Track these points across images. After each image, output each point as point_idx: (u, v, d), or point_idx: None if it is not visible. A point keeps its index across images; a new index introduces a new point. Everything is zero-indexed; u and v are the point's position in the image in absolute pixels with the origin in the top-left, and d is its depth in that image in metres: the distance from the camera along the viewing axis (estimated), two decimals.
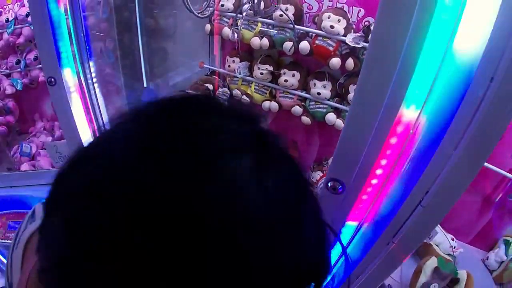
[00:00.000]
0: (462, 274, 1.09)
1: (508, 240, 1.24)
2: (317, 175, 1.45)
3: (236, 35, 1.28)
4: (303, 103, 1.33)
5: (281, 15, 1.18)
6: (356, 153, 0.56)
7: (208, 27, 1.37)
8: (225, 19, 1.34)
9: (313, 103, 1.30)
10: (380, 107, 0.48)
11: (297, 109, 1.32)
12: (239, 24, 1.28)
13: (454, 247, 1.27)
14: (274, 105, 1.37)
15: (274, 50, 1.32)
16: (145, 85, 1.59)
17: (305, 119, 1.32)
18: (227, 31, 1.31)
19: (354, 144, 0.55)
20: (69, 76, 1.04)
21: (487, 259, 1.29)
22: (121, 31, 1.46)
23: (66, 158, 0.92)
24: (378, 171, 0.57)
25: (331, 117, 1.25)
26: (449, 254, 1.22)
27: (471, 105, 0.44)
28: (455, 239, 1.29)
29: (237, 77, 1.44)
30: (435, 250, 1.23)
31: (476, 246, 1.36)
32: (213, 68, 1.51)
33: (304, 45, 1.15)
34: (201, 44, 1.52)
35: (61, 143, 1.17)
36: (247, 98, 1.42)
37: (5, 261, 1.63)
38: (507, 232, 1.30)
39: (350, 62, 1.13)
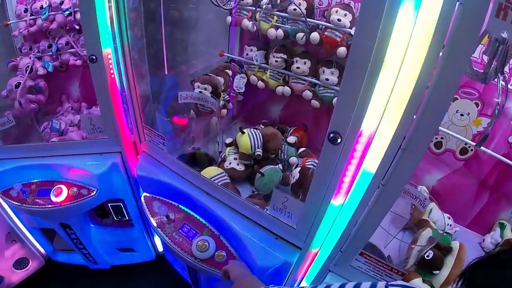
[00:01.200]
0: (455, 244, 1.28)
1: (503, 223, 1.42)
2: None
3: (255, 26, 1.53)
4: (313, 88, 1.57)
5: (294, 9, 1.42)
6: (349, 109, 0.78)
7: (229, 19, 1.62)
8: (244, 12, 1.59)
9: (322, 88, 1.54)
10: (363, 77, 0.71)
11: (308, 94, 1.56)
12: (257, 16, 1.53)
13: (450, 225, 1.47)
14: (287, 90, 1.61)
15: (287, 40, 1.56)
16: (166, 72, 1.84)
17: (315, 103, 1.56)
18: (246, 22, 1.56)
19: (348, 102, 0.78)
20: (109, 55, 1.30)
21: (483, 242, 1.47)
22: (147, 21, 1.72)
23: (99, 129, 1.23)
24: (367, 125, 0.80)
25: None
26: (447, 233, 1.42)
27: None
28: (451, 218, 1.49)
29: (254, 64, 1.68)
30: (431, 225, 1.43)
31: (472, 230, 1.56)
32: (232, 56, 1.76)
33: (315, 35, 1.40)
34: (221, 35, 1.77)
35: (95, 115, 1.41)
36: (263, 83, 1.66)
37: (23, 227, 1.83)
38: (502, 215, 1.49)
39: None
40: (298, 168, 1.40)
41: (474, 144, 1.30)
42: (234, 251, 1.21)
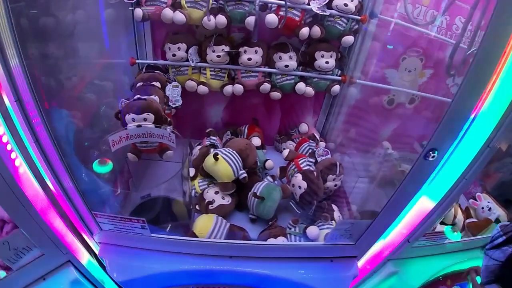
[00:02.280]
0: None
1: None
2: (289, 145, 1.50)
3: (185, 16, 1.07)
4: (267, 79, 1.30)
5: None
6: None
7: (139, 12, 1.08)
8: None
9: (279, 76, 1.30)
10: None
11: (266, 86, 1.29)
12: (183, 3, 1.07)
13: None
14: (238, 87, 1.28)
15: (223, 28, 1.18)
16: (47, 107, 1.16)
17: (275, 94, 1.32)
18: (168, 13, 1.08)
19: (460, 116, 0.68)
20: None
21: None
22: None
23: (27, 249, 0.69)
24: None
25: (301, 86, 1.30)
26: None
27: None
28: None
29: (185, 67, 1.24)
30: None
31: None
32: (148, 62, 1.24)
33: (272, 18, 1.10)
34: (123, 38, 1.20)
35: (14, 236, 0.76)
36: (205, 87, 1.27)
37: None
38: None
39: (316, 30, 1.17)
40: (299, 175, 1.19)
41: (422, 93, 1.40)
42: None
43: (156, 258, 0.94)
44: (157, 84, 1.21)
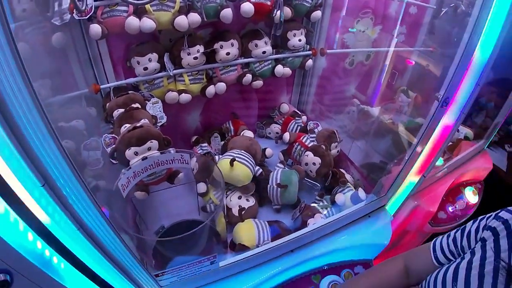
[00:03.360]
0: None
1: (404, 88, 1.59)
2: (274, 127, 1.47)
3: (153, 22, 0.90)
4: (246, 69, 1.23)
5: None
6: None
7: (96, 29, 0.87)
8: (120, 7, 0.89)
9: (257, 64, 1.23)
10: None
11: (248, 77, 1.22)
12: (148, 7, 0.90)
13: None
14: (221, 86, 1.19)
15: (192, 28, 1.05)
16: None
17: (258, 83, 1.26)
18: (133, 22, 0.90)
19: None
20: None
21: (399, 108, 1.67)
22: None
23: None
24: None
25: (279, 68, 1.27)
26: None
27: None
28: None
29: (159, 78, 1.08)
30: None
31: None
32: (117, 83, 1.03)
33: (248, 6, 1.02)
34: (75, 62, 0.95)
35: None
36: (188, 95, 1.13)
37: None
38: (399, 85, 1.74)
39: (287, 11, 1.13)
40: (310, 153, 1.18)
41: (376, 49, 1.49)
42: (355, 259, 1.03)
43: (226, 286, 0.85)
44: (137, 105, 1.02)
